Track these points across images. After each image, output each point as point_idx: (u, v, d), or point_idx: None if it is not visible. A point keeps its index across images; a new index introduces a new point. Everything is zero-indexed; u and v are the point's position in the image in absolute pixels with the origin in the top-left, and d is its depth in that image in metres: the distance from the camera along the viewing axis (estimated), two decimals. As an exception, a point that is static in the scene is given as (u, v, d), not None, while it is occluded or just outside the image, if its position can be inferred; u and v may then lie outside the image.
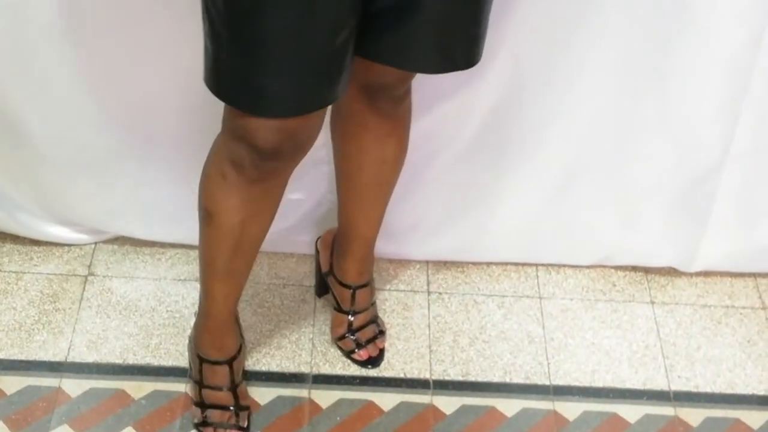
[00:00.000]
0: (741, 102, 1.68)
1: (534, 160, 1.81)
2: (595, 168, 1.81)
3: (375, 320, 1.80)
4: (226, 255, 1.47)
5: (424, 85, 1.58)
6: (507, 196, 1.86)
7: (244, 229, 1.43)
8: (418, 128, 1.71)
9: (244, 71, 1.25)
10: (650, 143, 1.76)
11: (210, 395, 1.62)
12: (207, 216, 1.44)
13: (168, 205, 1.82)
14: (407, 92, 1.53)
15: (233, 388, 1.62)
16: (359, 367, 1.76)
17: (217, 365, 1.61)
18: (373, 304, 1.81)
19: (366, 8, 1.28)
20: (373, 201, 1.65)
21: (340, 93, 1.31)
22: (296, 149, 1.36)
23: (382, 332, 1.79)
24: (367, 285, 1.77)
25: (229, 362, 1.62)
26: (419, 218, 1.88)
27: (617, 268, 1.96)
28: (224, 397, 1.62)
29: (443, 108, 1.72)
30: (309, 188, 1.82)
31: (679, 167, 1.79)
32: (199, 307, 1.61)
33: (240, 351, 1.64)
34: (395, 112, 1.53)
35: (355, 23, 1.27)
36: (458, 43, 1.37)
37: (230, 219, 1.42)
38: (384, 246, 1.85)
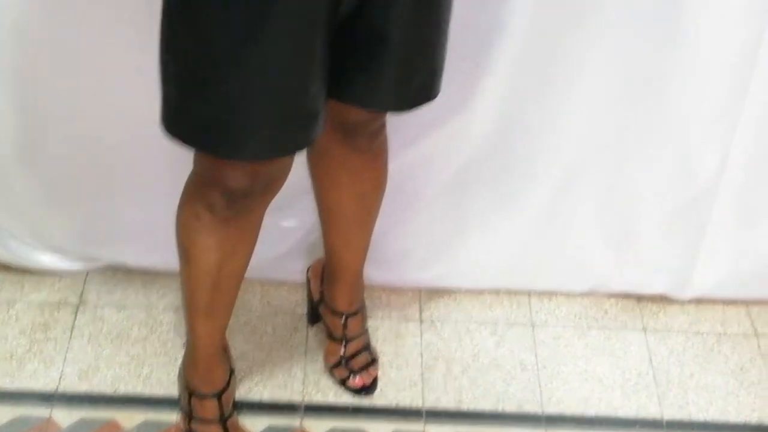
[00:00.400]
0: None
1: (526, 187, 1.81)
2: (589, 184, 1.80)
3: (368, 347, 1.79)
4: (206, 293, 1.47)
5: (415, 112, 1.58)
6: (499, 223, 1.86)
7: (222, 267, 1.44)
8: (409, 156, 1.71)
9: (214, 117, 1.24)
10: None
11: (200, 428, 1.61)
12: (185, 255, 1.45)
13: (160, 232, 1.80)
14: (382, 127, 1.53)
15: (223, 421, 1.61)
16: (351, 396, 1.75)
17: (206, 399, 1.60)
18: (366, 331, 1.80)
19: (336, 49, 1.28)
20: (355, 233, 1.65)
21: (314, 137, 1.31)
22: (268, 188, 1.37)
23: (374, 360, 1.79)
24: (359, 312, 1.76)
25: (218, 395, 1.61)
26: (411, 245, 1.88)
27: (610, 295, 1.96)
28: (214, 430, 1.61)
29: (434, 135, 1.72)
30: (301, 216, 1.82)
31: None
32: (186, 342, 1.61)
33: (230, 383, 1.64)
34: (370, 147, 1.54)
35: (327, 69, 1.28)
36: (418, 79, 1.37)
37: (207, 258, 1.42)
38: (376, 273, 1.85)
